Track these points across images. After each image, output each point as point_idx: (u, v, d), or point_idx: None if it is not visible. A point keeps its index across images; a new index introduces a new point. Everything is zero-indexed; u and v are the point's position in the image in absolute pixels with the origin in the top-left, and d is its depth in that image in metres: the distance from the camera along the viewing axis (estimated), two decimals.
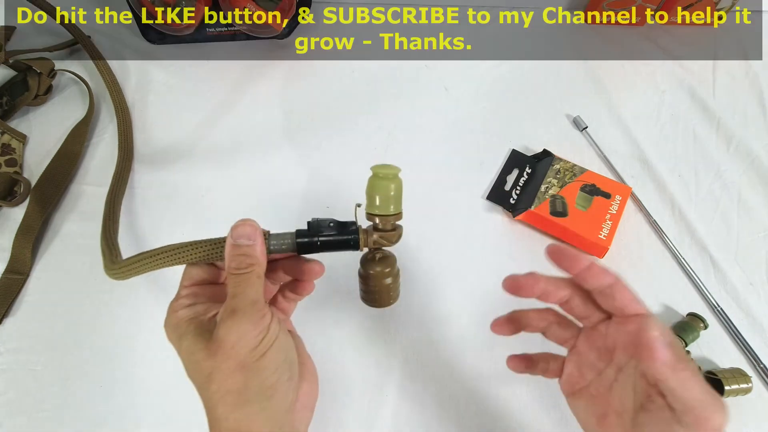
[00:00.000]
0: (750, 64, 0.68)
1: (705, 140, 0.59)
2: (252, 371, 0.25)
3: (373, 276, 0.31)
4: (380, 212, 0.29)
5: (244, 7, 0.55)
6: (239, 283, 0.26)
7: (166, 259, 0.29)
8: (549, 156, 0.54)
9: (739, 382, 0.40)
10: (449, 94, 0.61)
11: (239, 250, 0.27)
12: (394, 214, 0.30)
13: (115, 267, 0.34)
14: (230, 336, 0.25)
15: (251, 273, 0.26)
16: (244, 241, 0.27)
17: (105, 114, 0.56)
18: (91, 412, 0.38)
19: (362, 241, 0.30)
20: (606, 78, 0.64)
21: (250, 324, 0.25)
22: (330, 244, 0.30)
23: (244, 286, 0.26)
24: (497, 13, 0.71)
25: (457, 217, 0.50)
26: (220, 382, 0.25)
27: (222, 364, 0.25)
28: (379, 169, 0.30)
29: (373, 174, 0.30)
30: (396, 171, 0.30)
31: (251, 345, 0.25)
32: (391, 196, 0.29)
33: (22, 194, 0.47)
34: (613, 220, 0.48)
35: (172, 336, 0.28)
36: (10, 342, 0.41)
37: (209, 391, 0.25)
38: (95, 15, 0.64)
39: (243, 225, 0.27)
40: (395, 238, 0.30)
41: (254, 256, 0.27)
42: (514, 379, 0.42)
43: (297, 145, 0.55)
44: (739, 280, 0.48)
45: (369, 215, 0.30)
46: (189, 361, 0.26)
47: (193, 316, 0.27)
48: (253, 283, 0.26)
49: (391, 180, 0.30)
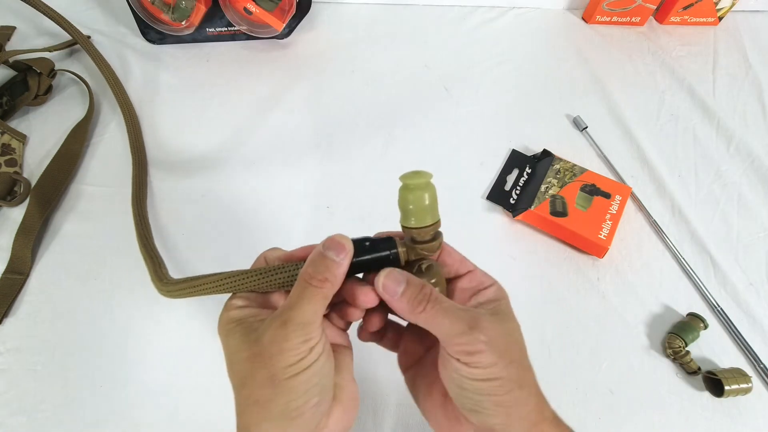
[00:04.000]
0: (750, 64, 0.68)
1: (705, 140, 0.59)
2: (281, 389, 0.24)
3: None
4: (417, 225, 0.27)
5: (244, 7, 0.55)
6: (303, 294, 0.25)
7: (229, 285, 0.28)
8: (549, 156, 0.54)
9: (739, 382, 0.40)
10: (449, 94, 0.61)
11: (323, 261, 0.25)
12: (433, 224, 0.27)
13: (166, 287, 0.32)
14: (272, 347, 0.24)
15: (320, 290, 0.25)
16: (332, 255, 0.25)
17: (105, 114, 0.56)
18: (91, 412, 0.38)
19: (402, 255, 0.27)
20: (606, 78, 0.64)
21: (294, 341, 0.24)
22: (367, 263, 0.27)
23: (307, 300, 0.25)
24: (497, 13, 0.71)
25: (457, 217, 0.50)
26: (251, 389, 0.24)
27: (257, 371, 0.24)
28: (409, 178, 0.27)
29: (403, 185, 0.27)
30: (427, 178, 0.27)
31: (289, 361, 0.24)
32: (426, 207, 0.27)
33: (22, 194, 0.47)
34: (613, 220, 0.48)
35: (222, 333, 0.27)
36: (10, 342, 0.41)
37: (240, 395, 0.25)
38: (95, 15, 0.64)
39: (339, 240, 0.26)
40: (437, 247, 0.28)
41: (334, 274, 0.25)
42: None
43: (297, 144, 0.55)
44: (739, 280, 0.48)
45: (405, 229, 0.27)
46: (231, 360, 0.26)
47: (244, 316, 0.26)
48: (317, 302, 0.25)
49: (423, 189, 0.27)
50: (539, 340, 0.44)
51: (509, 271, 0.48)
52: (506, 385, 0.25)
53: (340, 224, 0.49)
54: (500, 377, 0.25)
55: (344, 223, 0.49)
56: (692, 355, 0.43)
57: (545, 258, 0.49)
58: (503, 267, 0.48)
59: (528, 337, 0.36)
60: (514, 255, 0.49)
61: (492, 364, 0.24)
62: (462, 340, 0.24)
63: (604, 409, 0.41)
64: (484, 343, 0.24)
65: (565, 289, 0.47)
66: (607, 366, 0.43)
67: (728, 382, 0.40)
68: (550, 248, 0.49)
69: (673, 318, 0.46)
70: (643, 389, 0.42)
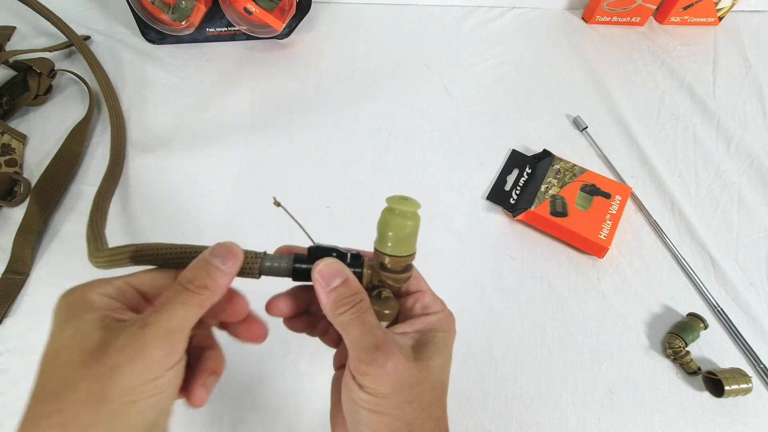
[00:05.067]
0: (750, 64, 0.68)
1: (705, 140, 0.59)
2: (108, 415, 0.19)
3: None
4: (392, 252, 0.25)
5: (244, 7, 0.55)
6: (176, 297, 0.21)
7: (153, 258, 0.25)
8: (549, 156, 0.54)
9: (739, 382, 0.40)
10: (449, 94, 0.61)
11: (207, 266, 0.23)
12: (407, 255, 0.25)
13: (98, 255, 0.30)
14: (118, 355, 0.19)
15: (197, 296, 0.22)
16: (217, 262, 0.23)
17: (105, 114, 0.55)
18: None
19: (366, 277, 0.26)
20: (606, 78, 0.64)
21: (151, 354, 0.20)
22: None
23: (179, 304, 0.21)
24: (497, 13, 0.71)
25: (457, 217, 0.50)
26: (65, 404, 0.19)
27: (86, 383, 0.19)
28: (396, 203, 0.25)
29: (387, 207, 0.25)
30: (415, 208, 0.25)
31: (133, 380, 0.19)
32: (406, 236, 0.25)
33: (22, 194, 0.47)
34: (613, 220, 0.48)
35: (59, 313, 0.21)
36: (10, 342, 0.41)
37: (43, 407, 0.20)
38: (95, 15, 0.64)
39: (229, 247, 0.24)
40: (403, 281, 0.26)
41: (216, 282, 0.22)
42: (513, 379, 0.42)
43: (297, 145, 0.55)
44: (739, 280, 0.48)
45: (378, 252, 0.26)
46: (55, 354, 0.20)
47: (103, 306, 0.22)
48: (189, 308, 0.21)
49: (408, 218, 0.25)
50: (539, 340, 0.44)
51: (509, 271, 0.48)
52: (393, 425, 0.22)
53: (340, 224, 0.49)
54: (389, 414, 0.22)
55: (344, 223, 0.49)
56: (692, 355, 0.43)
57: (545, 258, 0.49)
58: (503, 267, 0.48)
59: (528, 337, 0.36)
60: (514, 255, 0.49)
61: (384, 395, 0.22)
62: (363, 356, 0.22)
63: (604, 409, 0.41)
64: (383, 370, 0.22)
65: (565, 289, 0.47)
66: (607, 366, 0.43)
67: (728, 382, 0.40)
68: (550, 248, 0.49)
69: (673, 318, 0.46)
70: (643, 389, 0.42)
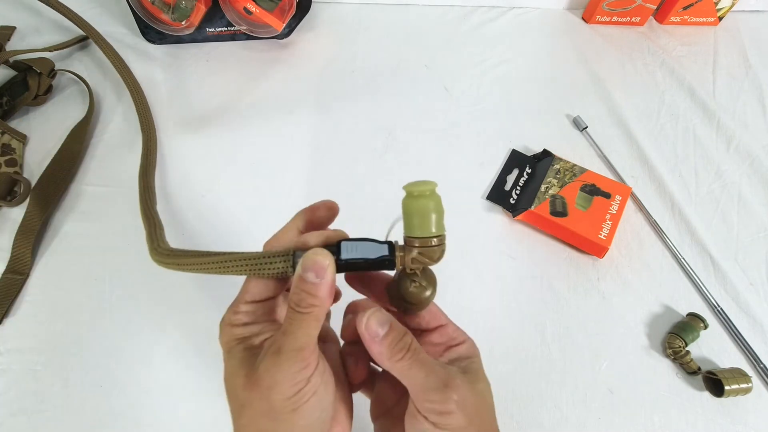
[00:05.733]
0: (750, 64, 0.68)
1: (705, 140, 0.59)
2: (281, 423, 0.23)
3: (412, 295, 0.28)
4: (420, 234, 0.26)
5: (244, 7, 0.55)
6: (293, 321, 0.24)
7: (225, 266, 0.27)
8: (549, 156, 0.54)
9: (739, 382, 0.40)
10: (449, 94, 0.61)
11: (304, 285, 0.24)
12: (437, 235, 0.26)
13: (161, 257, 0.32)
14: (267, 377, 0.23)
15: (309, 315, 0.24)
16: (311, 277, 0.24)
17: (105, 114, 0.56)
18: (91, 412, 0.38)
19: (399, 260, 0.26)
20: (606, 78, 0.64)
21: (289, 371, 0.23)
22: (359, 263, 0.26)
23: (297, 326, 0.24)
24: (497, 13, 0.71)
25: (457, 217, 0.50)
26: (250, 418, 0.23)
27: (255, 401, 0.23)
28: (413, 186, 0.26)
29: (406, 194, 0.26)
30: (432, 186, 0.26)
31: (286, 394, 0.23)
32: (430, 216, 0.26)
33: (22, 194, 0.47)
34: (613, 220, 0.48)
35: (224, 348, 0.26)
36: (10, 342, 0.41)
37: (238, 423, 0.24)
38: (95, 15, 0.64)
39: (314, 257, 0.24)
40: (437, 254, 0.26)
41: (318, 297, 0.24)
42: (513, 379, 0.42)
43: (297, 145, 0.55)
44: (739, 280, 0.48)
45: (408, 238, 0.26)
46: (230, 382, 0.25)
47: (246, 335, 0.25)
48: (308, 326, 0.24)
49: (428, 198, 0.26)
50: (539, 340, 0.44)
51: (509, 271, 0.48)
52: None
53: (340, 224, 0.49)
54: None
55: (344, 223, 0.49)
56: (692, 355, 0.43)
57: (545, 258, 0.49)
58: (503, 267, 0.48)
59: (528, 337, 0.36)
60: (514, 255, 0.49)
61: (461, 428, 0.23)
62: (435, 398, 0.23)
63: (604, 409, 0.41)
64: (456, 404, 0.23)
65: (565, 289, 0.47)
66: (607, 366, 0.43)
67: (728, 382, 0.40)
68: (550, 248, 0.49)
69: (673, 318, 0.46)
70: (643, 389, 0.42)
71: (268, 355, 0.23)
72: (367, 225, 0.49)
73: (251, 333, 0.26)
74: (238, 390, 0.24)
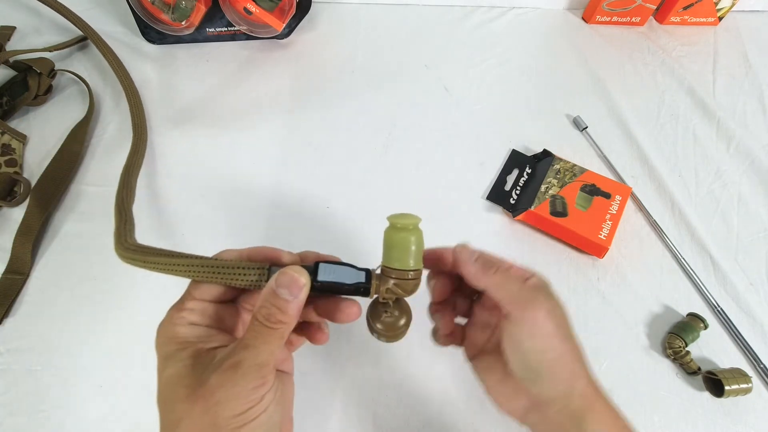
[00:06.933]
0: (750, 64, 0.68)
1: (705, 140, 0.59)
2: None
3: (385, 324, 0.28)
4: (398, 266, 0.26)
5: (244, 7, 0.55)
6: (258, 335, 0.23)
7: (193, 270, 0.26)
8: (549, 156, 0.54)
9: (739, 382, 0.40)
10: (449, 94, 0.61)
11: (276, 300, 0.24)
12: (414, 269, 0.26)
13: (125, 252, 0.31)
14: (220, 391, 0.22)
15: (276, 331, 0.23)
16: (284, 293, 0.24)
17: (105, 114, 0.56)
18: (91, 412, 0.38)
19: (374, 288, 0.27)
20: (606, 78, 0.64)
21: (245, 387, 0.22)
22: (334, 287, 0.26)
23: (262, 341, 0.23)
24: (497, 13, 0.71)
25: (457, 217, 0.50)
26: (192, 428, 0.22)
27: (197, 416, 0.22)
28: (397, 218, 0.27)
29: (389, 225, 0.27)
30: (415, 221, 0.27)
31: (236, 410, 0.22)
32: (410, 250, 0.26)
33: (22, 194, 0.47)
34: (613, 220, 0.48)
35: (160, 349, 0.25)
36: (10, 342, 0.41)
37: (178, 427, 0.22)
38: (95, 15, 0.64)
39: (293, 273, 0.24)
40: (411, 287, 0.27)
41: (288, 315, 0.24)
42: None
43: (296, 145, 0.55)
44: (739, 280, 0.48)
45: (385, 268, 0.27)
46: (165, 391, 0.23)
47: (192, 339, 0.25)
48: (272, 342, 0.23)
49: (410, 232, 0.26)
50: None
51: None
52: (564, 357, 0.26)
53: (340, 224, 0.49)
54: (558, 349, 0.26)
55: (344, 223, 0.49)
56: (692, 355, 0.43)
57: (545, 258, 0.49)
58: None
59: None
60: (514, 255, 0.49)
61: (552, 334, 0.25)
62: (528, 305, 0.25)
63: None
64: (546, 311, 0.26)
65: (565, 289, 0.47)
66: (607, 366, 0.43)
67: (728, 382, 0.40)
68: (550, 248, 0.49)
69: (673, 318, 0.46)
70: (643, 389, 0.42)
71: (224, 368, 0.22)
72: (367, 225, 0.49)
73: (197, 337, 0.25)
74: (178, 402, 0.22)
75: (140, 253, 0.30)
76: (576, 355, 0.26)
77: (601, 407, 0.26)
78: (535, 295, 0.26)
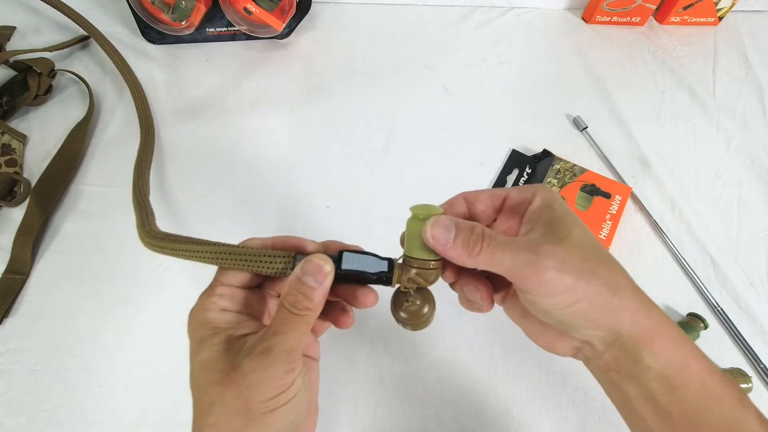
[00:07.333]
0: (750, 64, 0.68)
1: (705, 140, 0.59)
2: (255, 424, 0.22)
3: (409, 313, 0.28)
4: (420, 256, 0.26)
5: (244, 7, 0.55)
6: (286, 322, 0.24)
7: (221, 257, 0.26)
8: (549, 156, 0.54)
9: (739, 382, 0.40)
10: (449, 94, 0.61)
11: (302, 288, 0.24)
12: (435, 259, 0.26)
13: (153, 240, 0.31)
14: (252, 376, 0.22)
15: (303, 318, 0.24)
16: (310, 281, 0.24)
17: (105, 114, 0.56)
18: (91, 412, 0.38)
19: (396, 277, 0.27)
20: (606, 78, 0.64)
21: (276, 372, 0.23)
22: (357, 275, 0.27)
23: (290, 327, 0.24)
24: (497, 13, 0.71)
25: None
26: (220, 416, 0.22)
27: (229, 399, 0.22)
28: (419, 209, 0.27)
29: (412, 215, 0.27)
30: (438, 212, 0.27)
31: (268, 395, 0.23)
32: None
33: (22, 194, 0.47)
34: (613, 220, 0.48)
35: (193, 333, 0.25)
36: (10, 342, 0.41)
37: (204, 421, 0.23)
38: (95, 15, 0.64)
39: (318, 261, 0.25)
40: (433, 277, 0.27)
41: (314, 302, 0.24)
42: (513, 379, 0.42)
43: (296, 145, 0.55)
44: (739, 280, 0.48)
45: (407, 258, 0.27)
46: (199, 374, 0.24)
47: (224, 325, 0.25)
48: (299, 328, 0.24)
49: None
50: None
51: None
52: (597, 300, 0.22)
53: (340, 224, 0.49)
54: (586, 296, 0.22)
55: (344, 223, 0.49)
56: None
57: None
58: None
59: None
60: None
61: (571, 287, 0.22)
62: (530, 272, 0.23)
63: (604, 409, 0.41)
64: (554, 269, 0.22)
65: None
66: None
67: None
68: None
69: (674, 318, 0.46)
70: None
71: (255, 354, 0.23)
72: (367, 224, 0.49)
73: (228, 323, 0.25)
74: (211, 385, 0.23)
75: (168, 240, 0.30)
76: (613, 287, 0.23)
77: (659, 337, 0.23)
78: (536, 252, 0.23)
